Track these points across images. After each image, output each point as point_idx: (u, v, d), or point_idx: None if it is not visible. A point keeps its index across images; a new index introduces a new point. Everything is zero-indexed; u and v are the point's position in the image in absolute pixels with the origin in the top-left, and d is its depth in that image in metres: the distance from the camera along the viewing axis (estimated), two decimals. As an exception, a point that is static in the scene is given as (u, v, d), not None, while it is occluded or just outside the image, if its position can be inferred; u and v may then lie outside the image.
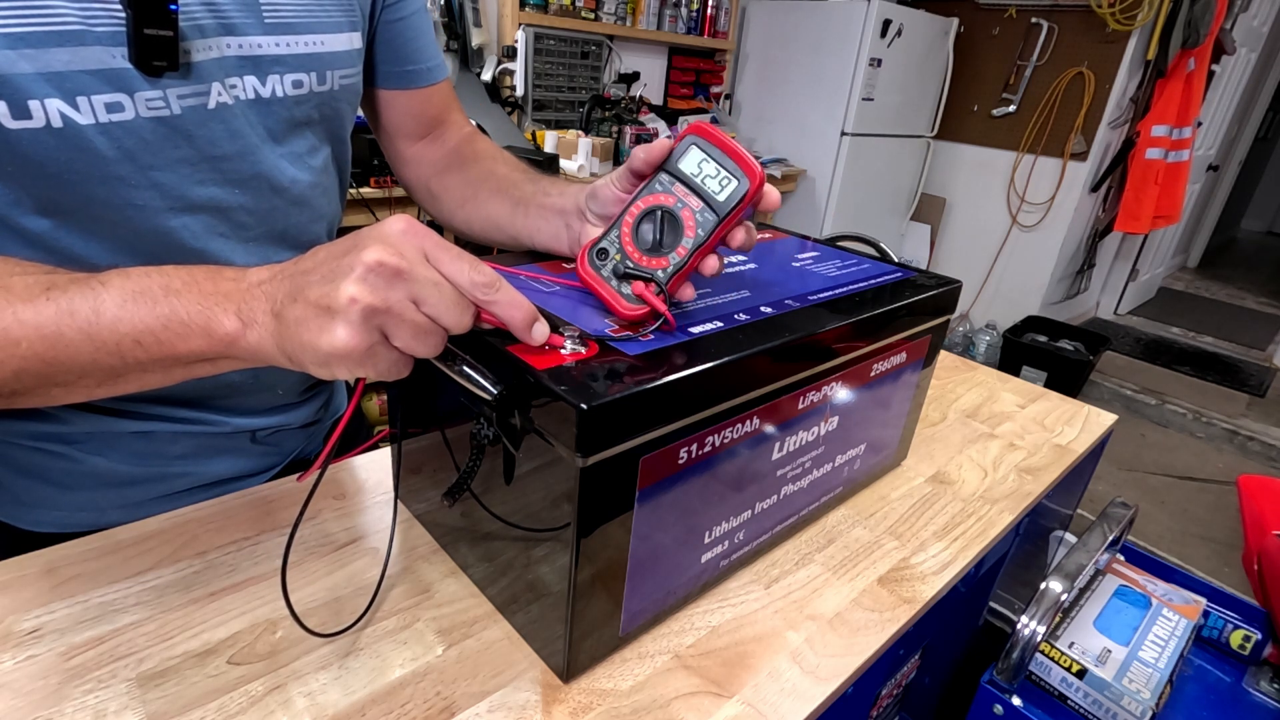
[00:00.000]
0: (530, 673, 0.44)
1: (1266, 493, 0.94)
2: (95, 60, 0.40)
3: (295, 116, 0.53)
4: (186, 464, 0.58)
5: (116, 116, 0.42)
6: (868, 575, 0.55)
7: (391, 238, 0.34)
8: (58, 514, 0.56)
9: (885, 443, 0.65)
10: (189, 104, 0.45)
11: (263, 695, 0.40)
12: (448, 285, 0.35)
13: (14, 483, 0.54)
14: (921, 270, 0.63)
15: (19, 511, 0.55)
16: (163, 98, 0.43)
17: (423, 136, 0.70)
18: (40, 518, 0.56)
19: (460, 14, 2.24)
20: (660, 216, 0.43)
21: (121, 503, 0.57)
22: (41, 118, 0.39)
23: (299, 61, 0.51)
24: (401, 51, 0.64)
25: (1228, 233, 6.32)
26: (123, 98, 0.42)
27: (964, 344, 3.40)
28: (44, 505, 0.55)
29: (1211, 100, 3.58)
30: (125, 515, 0.55)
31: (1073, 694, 0.69)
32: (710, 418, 0.42)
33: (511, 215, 0.60)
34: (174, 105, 0.44)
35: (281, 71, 0.50)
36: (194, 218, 0.49)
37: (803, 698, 0.44)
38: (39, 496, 0.55)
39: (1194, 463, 2.73)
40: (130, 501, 0.57)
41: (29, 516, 0.56)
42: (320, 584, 0.49)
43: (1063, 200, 3.21)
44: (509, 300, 0.37)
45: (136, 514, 0.55)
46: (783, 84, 3.13)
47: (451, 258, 0.35)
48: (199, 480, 0.60)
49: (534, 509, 0.42)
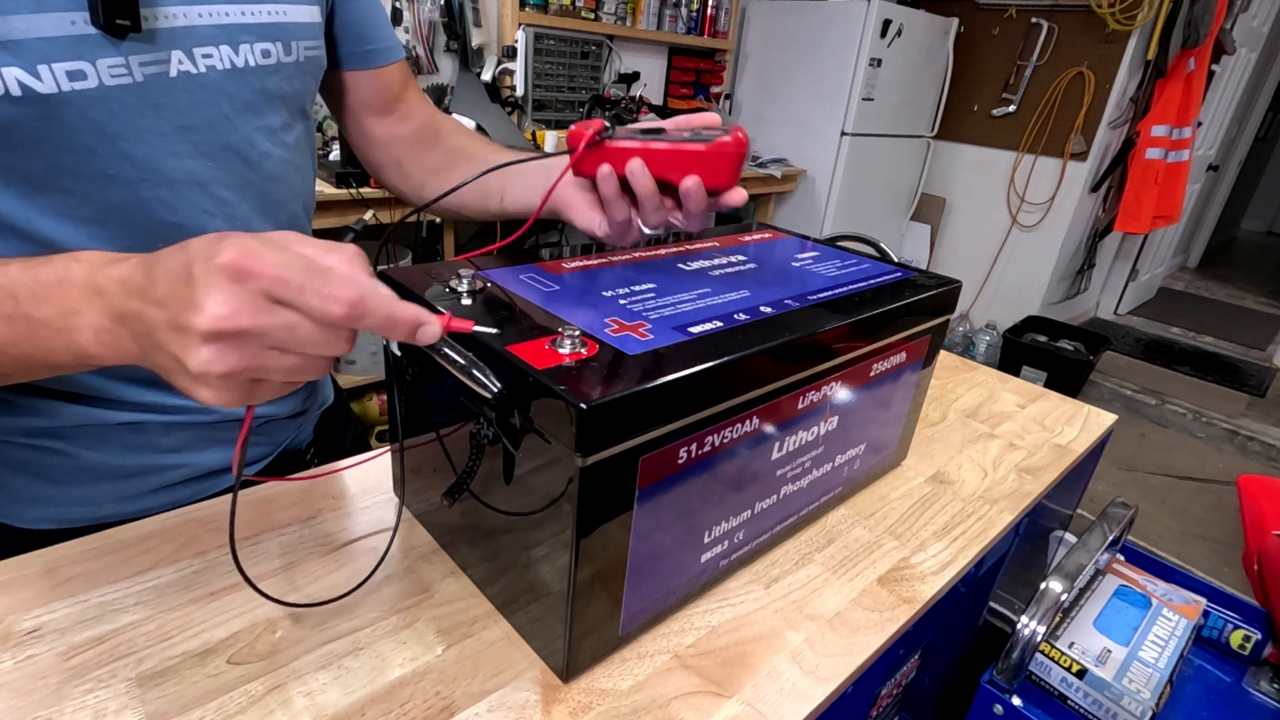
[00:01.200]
0: (530, 672, 0.44)
1: (1266, 493, 0.94)
2: (54, 26, 0.39)
3: (268, 88, 0.53)
4: (179, 456, 0.58)
5: (79, 85, 0.41)
6: (867, 575, 0.55)
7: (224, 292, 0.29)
8: (55, 510, 0.56)
9: (885, 442, 0.65)
10: (150, 71, 0.44)
11: (262, 695, 0.40)
12: (306, 323, 0.31)
13: (10, 481, 0.54)
14: (921, 270, 0.63)
15: (16, 510, 0.55)
16: (125, 64, 0.43)
17: (389, 114, 0.72)
18: (38, 515, 0.56)
19: (460, 14, 2.24)
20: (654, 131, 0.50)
21: (117, 496, 0.57)
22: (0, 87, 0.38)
23: (265, 30, 0.51)
24: (361, 32, 0.65)
25: (1228, 233, 6.32)
26: (84, 65, 0.41)
27: (964, 344, 3.40)
28: (41, 502, 0.55)
29: (1211, 100, 3.58)
30: (122, 508, 0.56)
31: (1073, 694, 0.69)
32: (710, 417, 0.42)
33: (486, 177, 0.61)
34: (136, 73, 0.43)
35: (250, 40, 0.50)
36: (170, 191, 0.49)
37: (802, 697, 0.44)
38: (35, 493, 0.55)
39: (1194, 463, 2.73)
40: (126, 494, 0.57)
41: (27, 514, 0.56)
42: (320, 584, 0.49)
43: (1063, 200, 3.21)
44: (382, 318, 0.32)
45: (133, 507, 0.55)
46: (783, 84, 3.13)
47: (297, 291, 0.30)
48: (193, 472, 0.60)
49: (534, 509, 0.42)
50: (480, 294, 0.47)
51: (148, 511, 0.56)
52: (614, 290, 0.50)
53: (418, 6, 2.18)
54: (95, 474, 0.55)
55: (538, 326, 0.42)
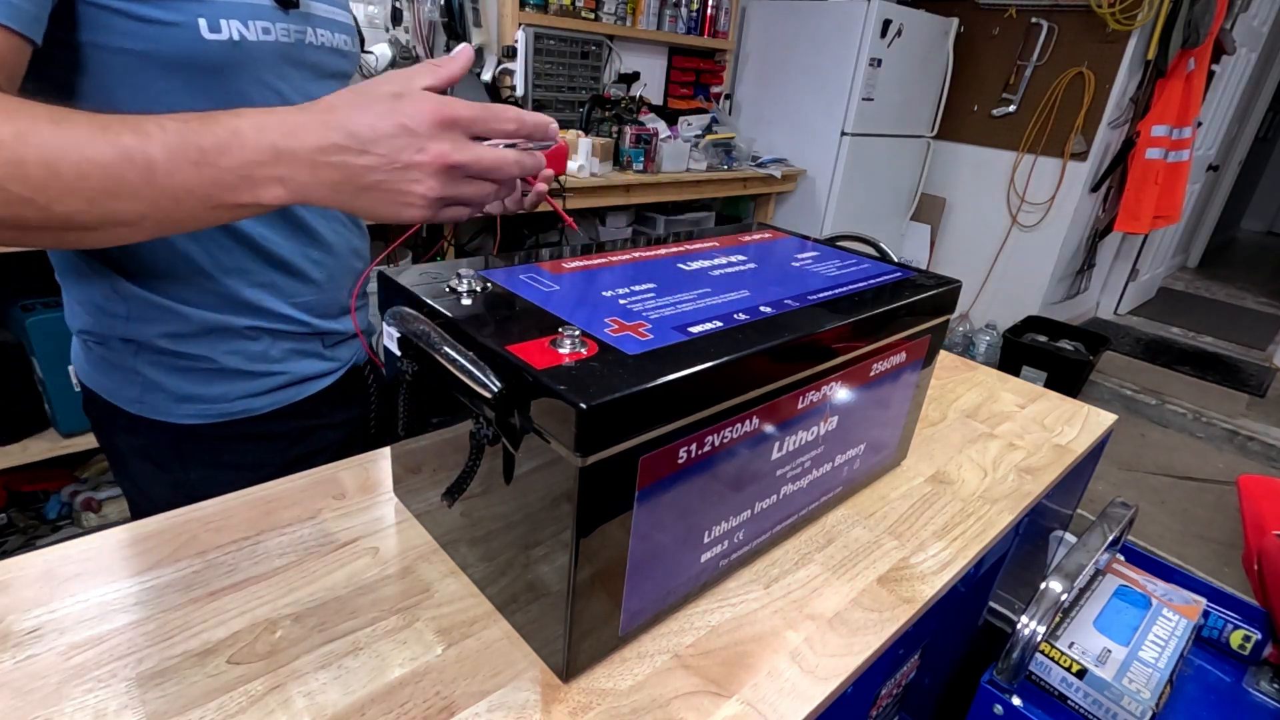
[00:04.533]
0: (530, 672, 0.44)
1: (1266, 493, 0.94)
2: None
3: (343, 66, 0.71)
4: (284, 364, 0.72)
5: (266, 38, 0.59)
6: (867, 575, 0.55)
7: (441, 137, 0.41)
8: (201, 406, 0.68)
9: (885, 442, 0.65)
10: (297, 36, 0.63)
11: (262, 695, 0.40)
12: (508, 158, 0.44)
13: (167, 382, 0.66)
14: (921, 270, 0.63)
15: (172, 407, 0.67)
16: (287, 29, 0.61)
17: None
18: (188, 411, 0.68)
19: (460, 14, 2.24)
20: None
21: (244, 394, 0.69)
22: (227, 33, 0.56)
23: (345, 28, 0.70)
24: None
25: (1228, 233, 6.32)
26: (269, 24, 0.59)
27: (964, 344, 3.40)
28: (191, 400, 0.67)
29: (1211, 100, 3.58)
30: (247, 405, 0.70)
31: (1073, 694, 0.69)
32: (710, 417, 0.42)
33: None
34: (291, 36, 0.62)
35: (339, 32, 0.69)
36: None
37: (802, 697, 0.44)
38: (188, 392, 0.67)
39: (1194, 463, 2.73)
40: (250, 393, 0.70)
41: (179, 410, 0.67)
42: (320, 583, 0.49)
43: (1063, 200, 3.21)
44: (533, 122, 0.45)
45: (255, 404, 0.70)
46: (783, 84, 3.12)
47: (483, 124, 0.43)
48: (294, 378, 0.72)
49: (533, 509, 0.42)
50: (480, 294, 0.47)
51: (264, 408, 0.71)
52: (614, 290, 0.50)
53: (418, 6, 2.17)
54: (228, 376, 0.68)
55: (538, 326, 0.42)
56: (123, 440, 0.70)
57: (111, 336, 0.65)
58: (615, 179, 2.31)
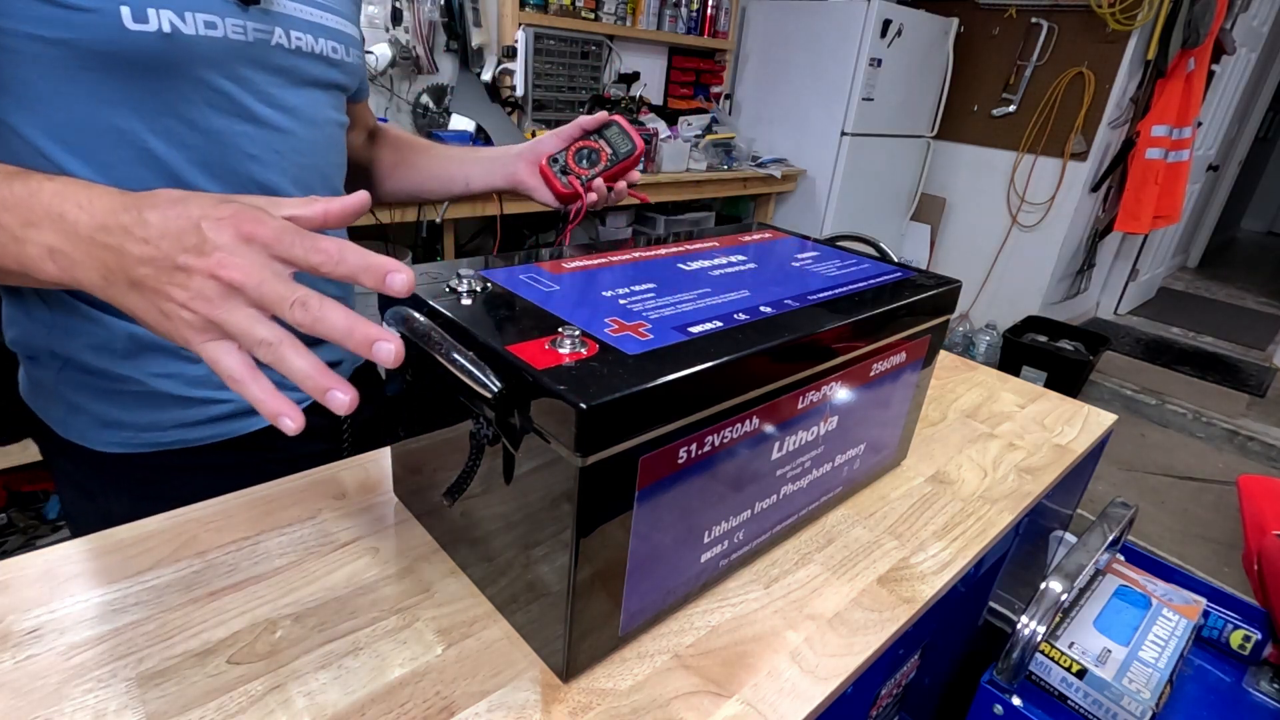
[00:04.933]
0: (530, 672, 0.44)
1: (1266, 493, 0.94)
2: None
3: (331, 76, 0.66)
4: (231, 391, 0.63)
5: (210, 33, 0.53)
6: (867, 575, 0.55)
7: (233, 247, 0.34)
8: (126, 434, 0.62)
9: (885, 442, 0.65)
10: (258, 36, 0.57)
11: (262, 695, 0.40)
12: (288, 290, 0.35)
13: (89, 406, 0.61)
14: (921, 270, 0.63)
15: (93, 433, 0.62)
16: (243, 26, 0.56)
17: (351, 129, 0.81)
18: (111, 438, 0.62)
19: (460, 14, 2.24)
20: (587, 151, 0.75)
21: (178, 423, 0.63)
22: (156, 24, 0.50)
23: (336, 34, 0.65)
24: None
25: (1228, 233, 6.32)
26: (216, 19, 0.53)
27: (964, 344, 3.40)
28: (114, 426, 0.62)
29: (1211, 100, 3.58)
30: (182, 435, 0.63)
31: (1073, 694, 0.69)
32: (710, 417, 0.42)
33: (446, 165, 0.83)
34: (250, 34, 0.56)
35: (327, 37, 0.64)
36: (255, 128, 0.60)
37: (802, 697, 0.44)
38: (110, 418, 0.62)
39: (1194, 463, 2.73)
40: (185, 422, 0.63)
41: (102, 438, 0.62)
42: (320, 583, 0.49)
43: (1063, 200, 3.21)
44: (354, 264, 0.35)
45: (191, 435, 0.63)
46: (783, 84, 3.13)
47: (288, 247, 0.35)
48: (240, 408, 0.65)
49: (533, 509, 0.42)
50: (480, 294, 0.47)
51: (204, 439, 0.64)
52: (614, 290, 0.50)
53: (418, 6, 2.17)
54: (160, 401, 0.62)
55: (538, 326, 0.42)
56: (55, 463, 0.66)
57: (39, 350, 0.61)
58: (615, 179, 2.30)
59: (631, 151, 0.75)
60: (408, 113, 2.29)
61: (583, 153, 0.75)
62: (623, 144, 0.75)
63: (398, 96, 2.24)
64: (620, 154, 0.75)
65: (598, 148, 0.75)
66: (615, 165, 0.75)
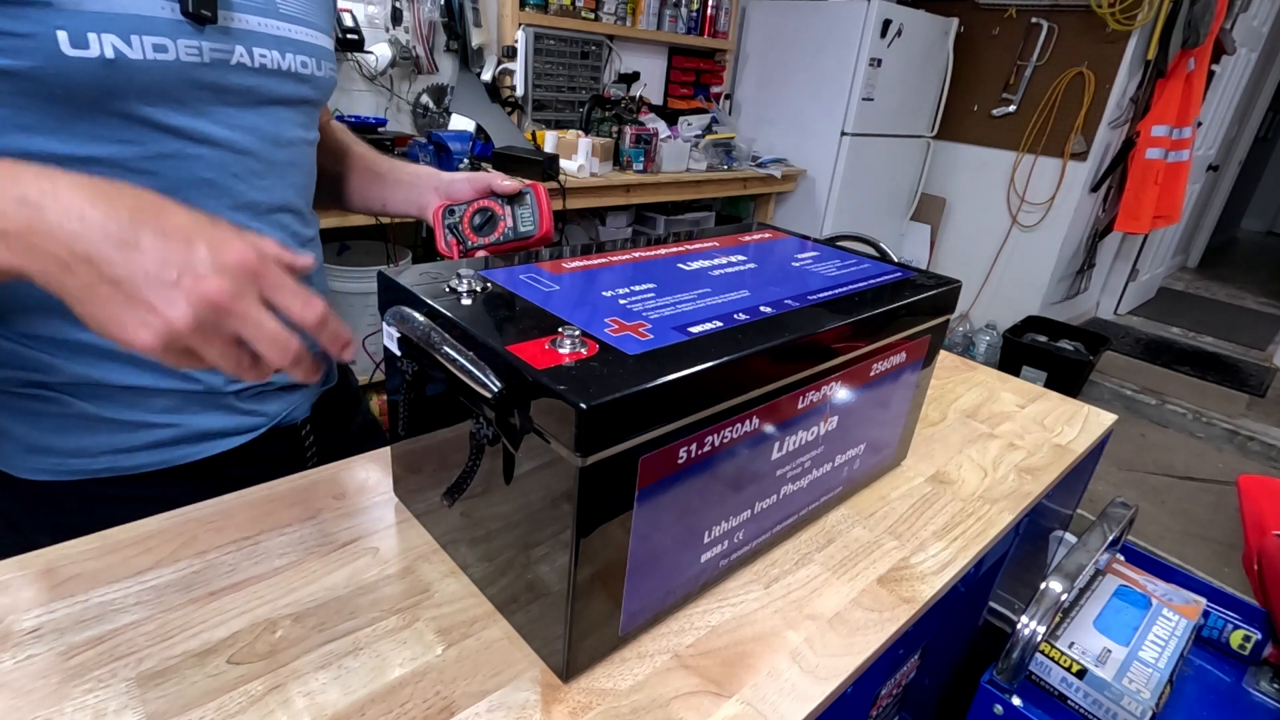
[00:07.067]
0: (530, 672, 0.44)
1: (1266, 493, 0.94)
2: (149, 7, 0.48)
3: (301, 92, 0.62)
4: (173, 416, 0.60)
5: (160, 56, 0.49)
6: (867, 575, 0.55)
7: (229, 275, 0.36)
8: (51, 460, 0.58)
9: (885, 442, 0.65)
10: (216, 56, 0.53)
11: (262, 695, 0.40)
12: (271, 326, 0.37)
13: (10, 429, 0.57)
14: (921, 270, 0.63)
15: (17, 459, 0.58)
16: (198, 47, 0.52)
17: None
18: (36, 465, 0.58)
19: (460, 14, 2.24)
20: (488, 215, 0.70)
21: (111, 449, 0.59)
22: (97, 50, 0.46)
23: (304, 47, 0.61)
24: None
25: (1228, 233, 6.32)
26: (167, 41, 0.49)
27: (964, 344, 3.40)
28: (39, 451, 0.57)
29: (1211, 100, 3.58)
30: (114, 462, 0.58)
31: (1073, 694, 0.69)
32: (710, 417, 0.42)
33: (369, 184, 0.80)
34: (206, 55, 0.52)
35: (294, 52, 0.60)
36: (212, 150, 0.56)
37: (802, 697, 0.44)
38: (33, 442, 0.57)
39: (1194, 463, 2.73)
40: (119, 448, 0.59)
41: (25, 464, 0.58)
42: (320, 583, 0.49)
43: (1063, 200, 3.21)
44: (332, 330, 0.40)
45: (126, 462, 0.59)
46: (783, 84, 3.12)
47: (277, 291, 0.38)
48: (186, 432, 0.61)
49: (533, 509, 0.42)
50: (480, 294, 0.47)
51: (140, 467, 0.59)
52: (614, 290, 0.50)
53: (418, 6, 2.17)
54: (89, 426, 0.57)
55: (538, 326, 0.42)
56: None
57: None
58: (615, 179, 2.31)
59: (531, 234, 0.68)
60: (408, 113, 2.29)
61: (483, 214, 0.69)
62: (525, 223, 0.69)
63: (398, 96, 2.24)
64: (518, 233, 0.69)
65: (501, 214, 0.69)
66: (508, 243, 0.69)
